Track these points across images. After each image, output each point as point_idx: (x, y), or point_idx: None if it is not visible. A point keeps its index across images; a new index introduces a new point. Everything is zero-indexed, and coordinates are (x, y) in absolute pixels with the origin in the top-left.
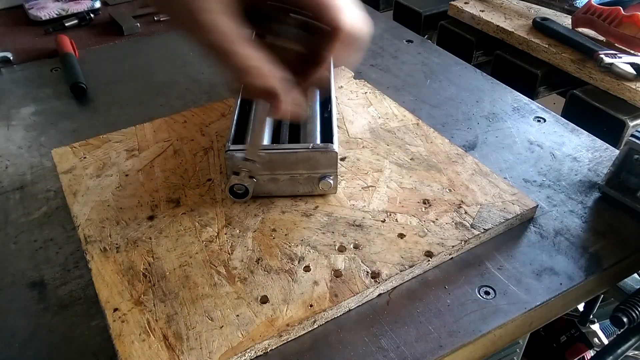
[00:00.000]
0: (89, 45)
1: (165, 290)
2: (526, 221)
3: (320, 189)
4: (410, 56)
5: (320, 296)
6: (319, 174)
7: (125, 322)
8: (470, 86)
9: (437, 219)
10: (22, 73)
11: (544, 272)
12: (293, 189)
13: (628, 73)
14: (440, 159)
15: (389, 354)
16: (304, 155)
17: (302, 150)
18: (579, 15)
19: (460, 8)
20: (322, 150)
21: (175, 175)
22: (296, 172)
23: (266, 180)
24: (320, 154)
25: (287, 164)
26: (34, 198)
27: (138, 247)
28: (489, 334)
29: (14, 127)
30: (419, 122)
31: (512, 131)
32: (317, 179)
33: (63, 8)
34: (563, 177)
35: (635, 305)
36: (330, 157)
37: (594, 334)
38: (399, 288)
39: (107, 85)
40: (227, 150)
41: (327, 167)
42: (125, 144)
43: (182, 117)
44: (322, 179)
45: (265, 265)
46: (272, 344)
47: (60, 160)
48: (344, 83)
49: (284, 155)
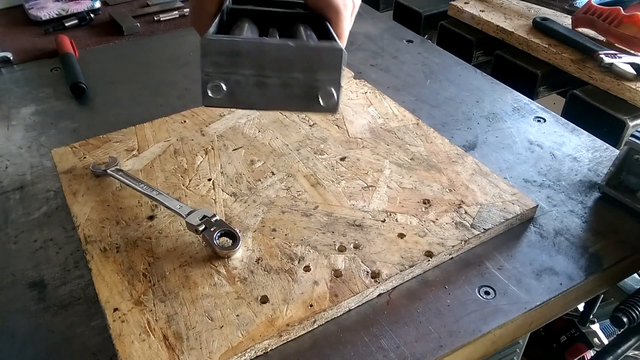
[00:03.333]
0: (89, 45)
1: (165, 290)
2: (526, 221)
3: (320, 102)
4: (410, 56)
5: (320, 296)
6: (319, 82)
7: (125, 322)
8: (470, 86)
9: (437, 219)
10: (22, 73)
11: (544, 272)
12: (285, 101)
13: (628, 73)
14: (440, 159)
15: (389, 354)
16: (301, 51)
17: (300, 44)
18: (579, 15)
19: (460, 8)
20: (325, 47)
21: (175, 175)
22: (290, 74)
23: (251, 83)
24: (322, 51)
25: (280, 61)
26: (34, 198)
27: (138, 247)
28: (489, 334)
29: (14, 127)
30: (419, 122)
31: (512, 131)
32: (316, 88)
33: (63, 8)
34: (563, 177)
35: (635, 305)
36: (335, 56)
37: (594, 334)
38: (399, 288)
39: (107, 85)
40: (207, 37)
41: (329, 70)
42: (125, 144)
43: (182, 117)
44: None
45: (265, 265)
46: (272, 343)
47: (60, 160)
48: (344, 83)
49: (277, 47)
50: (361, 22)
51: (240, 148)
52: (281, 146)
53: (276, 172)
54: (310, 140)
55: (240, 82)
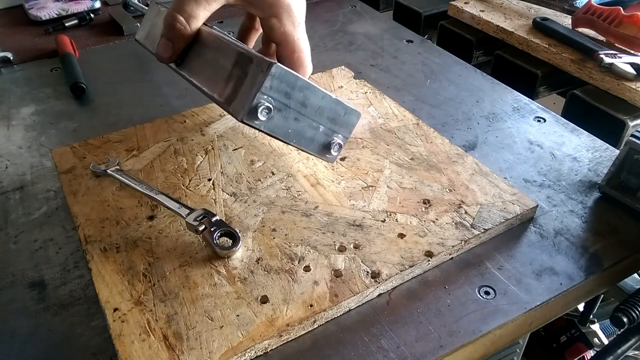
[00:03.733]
0: (89, 45)
1: (165, 290)
2: (526, 221)
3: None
4: (410, 56)
5: (320, 296)
6: (335, 134)
7: (125, 322)
8: (470, 86)
9: (437, 219)
10: (22, 73)
11: (544, 272)
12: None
13: (628, 73)
14: (440, 159)
15: (389, 354)
16: (337, 104)
17: (338, 98)
18: (579, 15)
19: (460, 8)
20: (352, 109)
21: (175, 175)
22: (320, 119)
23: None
24: (348, 110)
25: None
26: (34, 198)
27: (138, 247)
28: (489, 334)
29: (14, 127)
30: (419, 122)
31: (512, 131)
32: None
33: (63, 8)
34: (563, 177)
35: (635, 305)
36: (355, 118)
37: (594, 334)
38: (399, 288)
39: (107, 85)
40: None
41: (347, 128)
42: (125, 144)
43: (182, 117)
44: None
45: (265, 265)
46: (272, 343)
47: (60, 160)
48: (344, 83)
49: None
50: (361, 22)
51: (240, 148)
52: (281, 146)
53: (276, 172)
54: None
55: (282, 112)
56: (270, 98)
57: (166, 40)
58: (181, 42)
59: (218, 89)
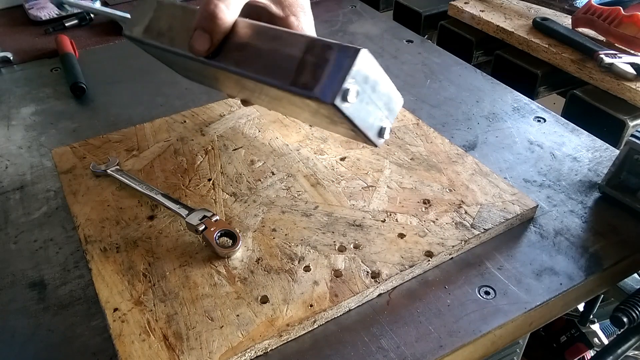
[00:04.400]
0: (89, 45)
1: (165, 290)
2: (526, 221)
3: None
4: (410, 56)
5: (320, 296)
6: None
7: (125, 322)
8: (470, 86)
9: (437, 219)
10: (22, 73)
11: (544, 272)
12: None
13: (628, 73)
14: (440, 159)
15: (389, 354)
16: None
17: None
18: (579, 15)
19: (460, 8)
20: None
21: (175, 175)
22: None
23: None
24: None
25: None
26: (34, 198)
27: (138, 247)
28: (489, 334)
29: (14, 127)
30: (419, 122)
31: (512, 131)
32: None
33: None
34: (563, 177)
35: (635, 305)
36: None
37: (594, 334)
38: (399, 288)
39: (107, 85)
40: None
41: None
42: (125, 144)
43: (182, 117)
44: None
45: (265, 265)
46: (272, 343)
47: (60, 160)
48: None
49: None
50: (361, 22)
51: (240, 148)
52: (281, 146)
53: (276, 172)
54: (310, 140)
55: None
56: (355, 82)
57: (202, 32)
58: (220, 34)
59: (286, 77)
